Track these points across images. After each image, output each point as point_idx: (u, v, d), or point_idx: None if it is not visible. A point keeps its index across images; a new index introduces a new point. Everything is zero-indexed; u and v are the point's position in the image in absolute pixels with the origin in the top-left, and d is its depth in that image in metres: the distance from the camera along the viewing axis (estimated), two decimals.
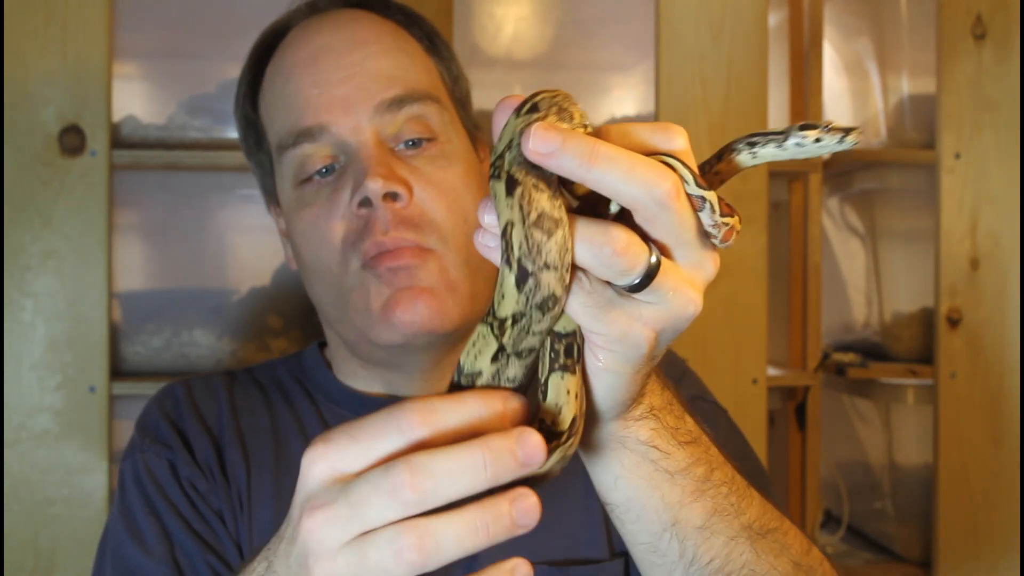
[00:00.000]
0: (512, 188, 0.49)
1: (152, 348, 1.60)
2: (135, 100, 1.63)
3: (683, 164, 0.52)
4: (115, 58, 1.53)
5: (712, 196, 0.53)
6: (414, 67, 0.96)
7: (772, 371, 1.87)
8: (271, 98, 0.98)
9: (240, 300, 1.66)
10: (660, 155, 0.52)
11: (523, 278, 0.49)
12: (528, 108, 0.51)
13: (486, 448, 0.49)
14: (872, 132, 2.04)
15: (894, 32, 1.99)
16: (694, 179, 0.53)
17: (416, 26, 1.00)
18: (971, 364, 1.80)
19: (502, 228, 0.50)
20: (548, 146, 0.48)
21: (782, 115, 1.96)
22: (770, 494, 0.73)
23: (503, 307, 0.51)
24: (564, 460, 0.55)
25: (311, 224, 0.93)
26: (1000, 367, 1.79)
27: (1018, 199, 1.79)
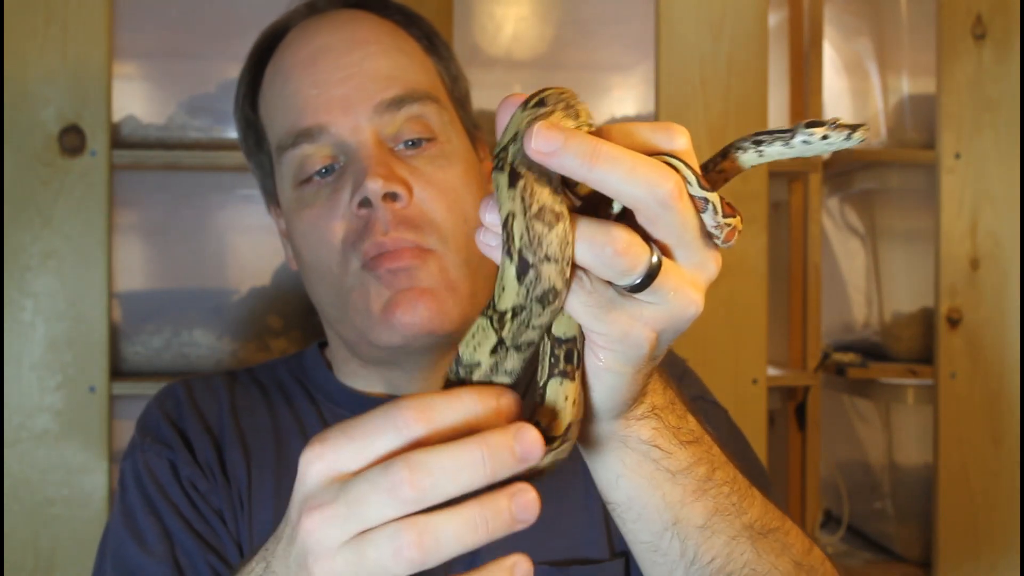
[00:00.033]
0: (515, 180, 0.49)
1: (152, 348, 1.60)
2: (135, 100, 1.63)
3: (686, 165, 0.52)
4: (115, 58, 1.53)
5: (715, 197, 0.53)
6: (413, 67, 0.96)
7: (772, 371, 1.87)
8: (270, 99, 0.98)
9: (240, 300, 1.66)
10: (663, 155, 0.52)
11: (524, 270, 0.49)
12: (535, 102, 0.51)
13: (484, 444, 0.49)
14: (872, 132, 2.04)
15: (894, 32, 1.99)
16: (697, 180, 0.52)
17: (415, 26, 1.00)
18: (971, 364, 1.80)
19: (503, 219, 0.50)
20: (550, 145, 0.48)
21: (782, 115, 1.96)
22: (770, 494, 0.73)
23: (503, 300, 0.51)
24: (554, 464, 0.55)
25: (311, 225, 0.93)
26: (1000, 367, 1.79)
27: (1018, 199, 1.79)
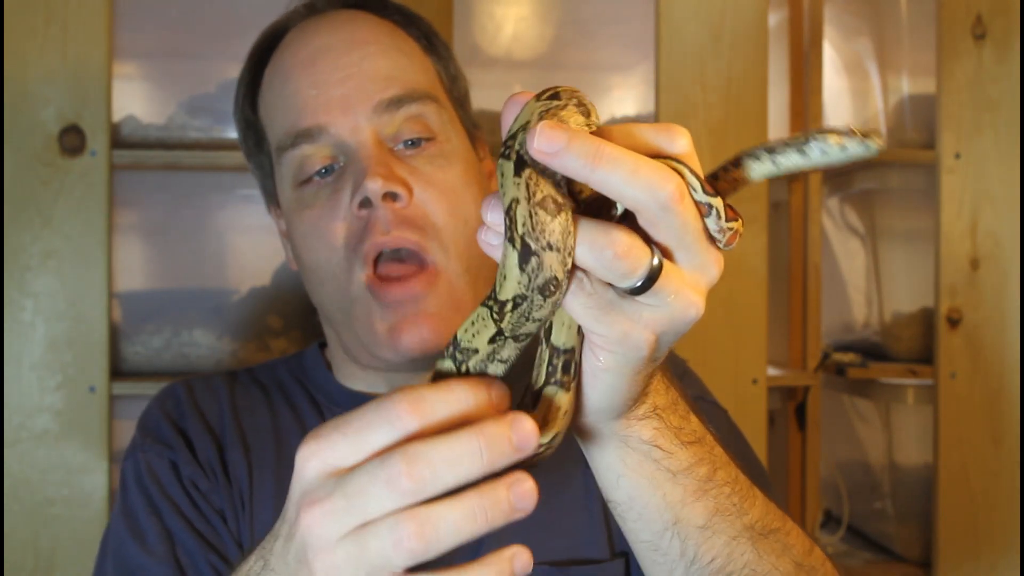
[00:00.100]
0: (520, 168, 0.49)
1: (152, 348, 1.60)
2: (135, 100, 1.63)
3: (690, 170, 0.52)
4: (115, 58, 1.53)
5: (718, 202, 0.53)
6: (412, 67, 0.96)
7: (772, 371, 1.87)
8: (270, 99, 0.98)
9: (240, 300, 1.66)
10: (666, 159, 0.52)
11: (526, 256, 0.49)
12: (549, 95, 0.51)
13: (481, 435, 0.49)
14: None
15: (894, 32, 1.99)
16: (701, 185, 0.52)
17: (414, 26, 1.00)
18: (971, 364, 1.80)
19: (506, 206, 0.50)
20: (553, 145, 0.48)
21: (782, 115, 1.96)
22: (770, 494, 0.73)
23: (505, 289, 0.51)
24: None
25: (312, 226, 0.93)
26: (1000, 367, 1.79)
27: (1018, 199, 1.79)
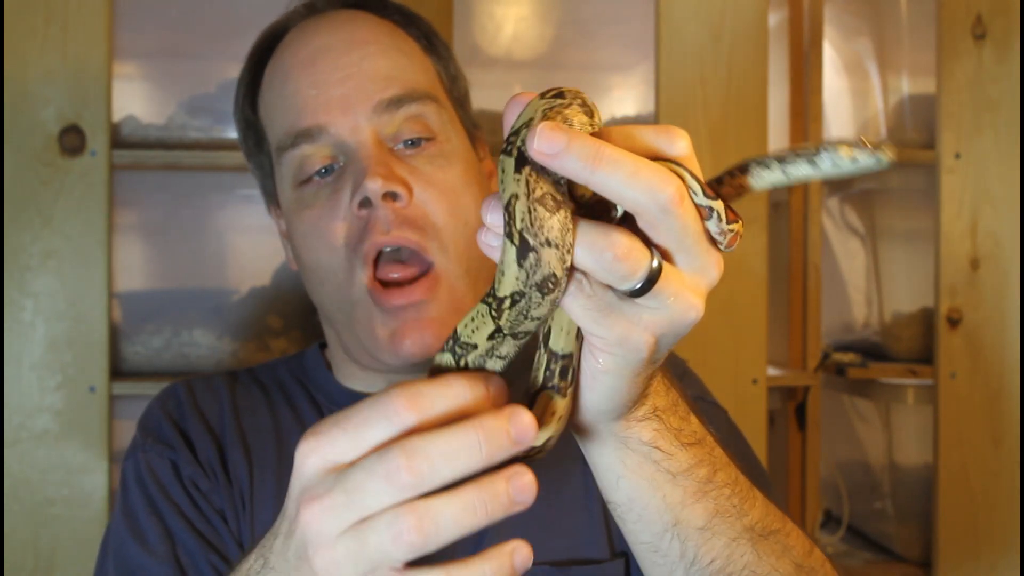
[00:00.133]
0: (521, 165, 0.49)
1: (152, 348, 1.60)
2: (135, 100, 1.63)
3: (690, 173, 0.52)
4: (115, 58, 1.53)
5: (719, 205, 0.53)
6: (412, 67, 0.96)
7: (772, 371, 1.88)
8: (270, 99, 0.98)
9: (240, 300, 1.66)
10: (666, 162, 0.52)
11: (524, 252, 0.49)
12: (554, 94, 0.51)
13: (480, 428, 0.49)
14: (872, 132, 2.04)
15: (894, 32, 1.99)
16: (701, 189, 0.52)
17: (414, 26, 1.00)
18: (971, 364, 1.80)
19: (505, 201, 0.50)
20: (553, 146, 0.48)
21: (782, 115, 1.96)
22: (770, 495, 0.73)
23: (503, 285, 0.51)
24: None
25: (312, 226, 0.93)
26: (1000, 367, 1.79)
27: (1018, 199, 1.79)
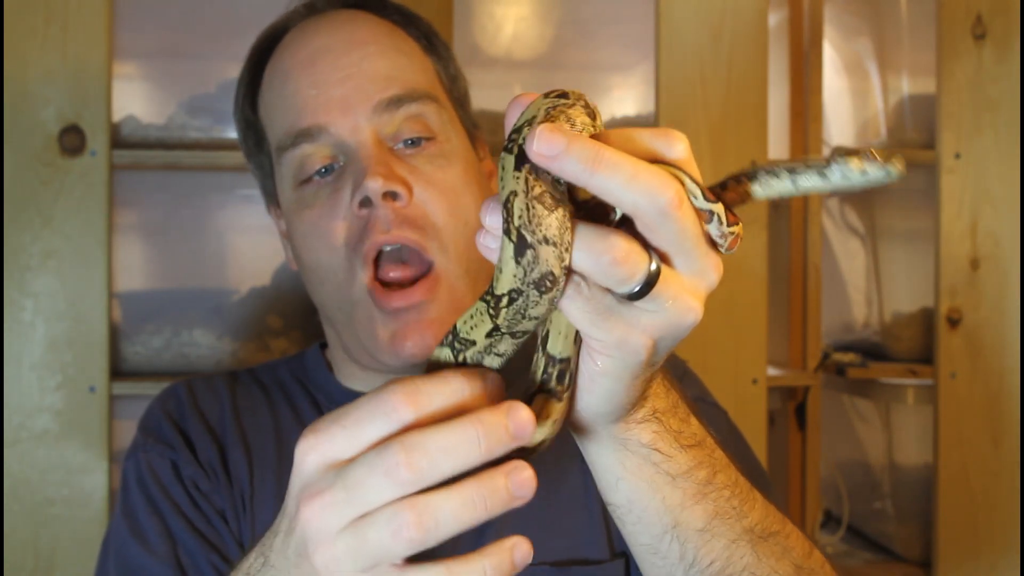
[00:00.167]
0: (521, 162, 0.49)
1: (152, 348, 1.60)
2: (135, 100, 1.63)
3: (690, 177, 0.52)
4: (115, 58, 1.53)
5: (720, 208, 0.53)
6: (412, 67, 0.96)
7: (772, 371, 1.88)
8: (270, 99, 0.98)
9: (240, 300, 1.66)
10: (666, 165, 0.52)
11: (522, 249, 0.49)
12: (558, 94, 0.51)
13: (479, 423, 0.50)
14: (872, 132, 2.04)
15: (894, 32, 1.99)
16: (702, 193, 0.52)
17: (413, 26, 1.00)
18: (971, 364, 1.80)
19: (504, 199, 0.50)
20: (552, 148, 0.48)
21: (782, 115, 1.96)
22: (770, 495, 0.73)
23: (501, 283, 0.50)
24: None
25: (312, 226, 0.93)
26: (1000, 367, 1.79)
27: (1018, 199, 1.79)
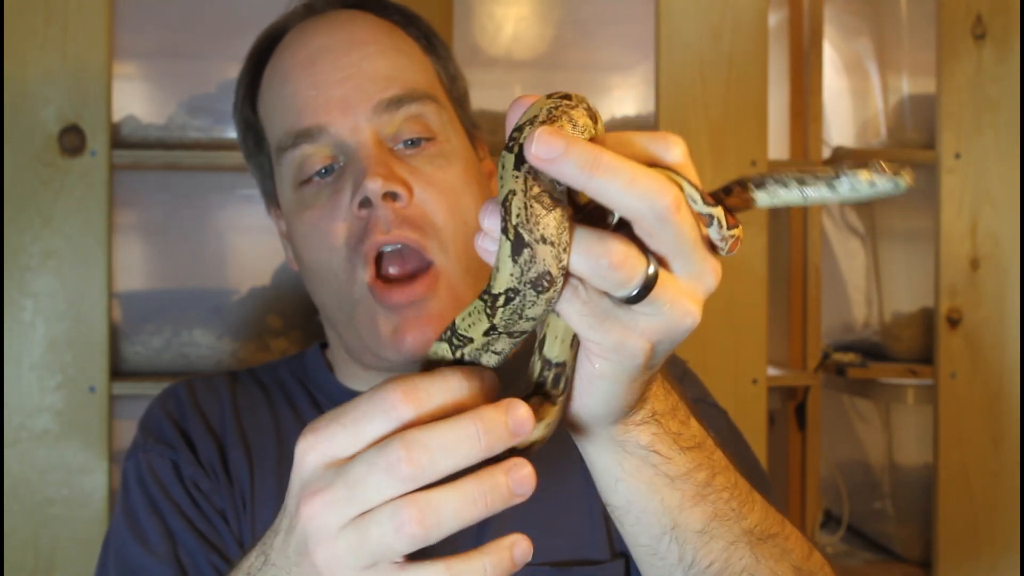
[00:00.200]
0: (521, 161, 0.49)
1: (152, 348, 1.60)
2: (135, 100, 1.63)
3: (688, 182, 0.52)
4: (115, 58, 1.53)
5: (719, 212, 0.53)
6: (411, 67, 0.96)
7: (772, 371, 1.88)
8: (269, 100, 0.98)
9: (240, 300, 1.66)
10: (666, 170, 0.51)
11: (519, 247, 0.49)
12: (561, 95, 0.51)
13: (479, 420, 0.50)
14: (872, 132, 2.04)
15: (894, 32, 1.99)
16: (701, 197, 0.52)
17: (413, 26, 1.00)
18: (971, 364, 1.80)
19: (503, 198, 0.49)
20: (551, 152, 0.48)
21: (782, 115, 1.96)
22: (770, 496, 0.73)
23: (498, 281, 0.50)
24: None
25: (312, 226, 0.93)
26: (1000, 367, 1.79)
27: (1018, 199, 1.79)
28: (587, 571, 0.89)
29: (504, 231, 0.49)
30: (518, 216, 0.49)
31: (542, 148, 0.48)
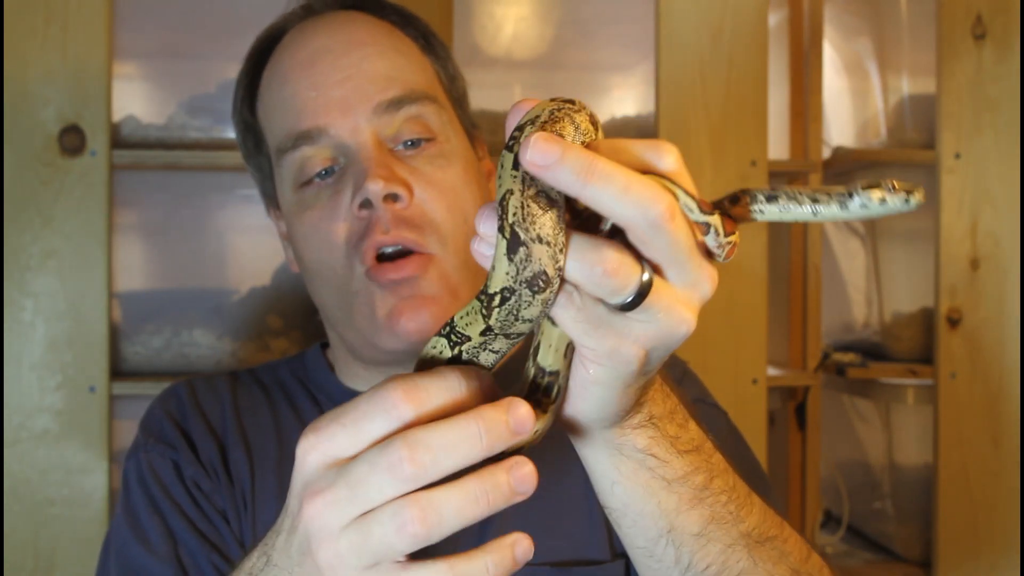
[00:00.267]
0: (520, 162, 0.49)
1: (152, 348, 1.60)
2: (135, 100, 1.63)
3: (684, 191, 0.52)
4: (115, 58, 1.53)
5: (716, 220, 0.53)
6: (411, 67, 0.96)
7: (772, 371, 1.88)
8: (269, 101, 0.98)
9: (240, 300, 1.66)
10: (661, 179, 0.51)
11: (515, 246, 0.49)
12: (565, 100, 0.51)
13: (480, 418, 0.50)
14: (872, 132, 2.04)
15: (894, 32, 1.99)
16: (697, 206, 0.52)
17: (411, 26, 1.00)
18: (971, 364, 1.80)
19: (500, 196, 0.49)
20: (546, 158, 0.47)
21: (782, 115, 1.96)
22: (769, 497, 0.73)
23: (494, 281, 0.50)
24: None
25: (313, 227, 0.93)
26: (1000, 367, 1.80)
27: (1018, 199, 1.79)
28: (587, 571, 0.89)
29: (500, 229, 0.49)
30: (515, 215, 0.49)
31: (537, 154, 0.47)
